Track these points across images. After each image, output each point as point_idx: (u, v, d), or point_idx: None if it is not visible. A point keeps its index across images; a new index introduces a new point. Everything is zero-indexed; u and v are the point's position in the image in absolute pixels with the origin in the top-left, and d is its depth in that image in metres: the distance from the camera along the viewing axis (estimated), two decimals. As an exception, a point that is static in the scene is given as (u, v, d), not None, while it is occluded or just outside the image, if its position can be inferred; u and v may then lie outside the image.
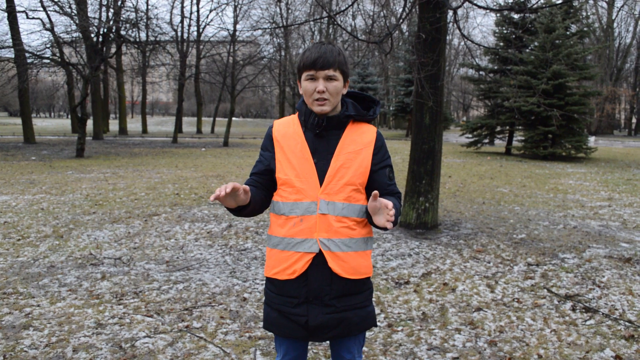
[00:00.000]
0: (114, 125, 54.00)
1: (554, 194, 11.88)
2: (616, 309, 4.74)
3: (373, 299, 4.79)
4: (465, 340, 4.01)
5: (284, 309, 2.22)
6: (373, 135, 2.22)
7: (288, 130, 2.24)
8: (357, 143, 2.17)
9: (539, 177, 15.69)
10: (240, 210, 2.15)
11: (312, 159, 2.15)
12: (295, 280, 2.17)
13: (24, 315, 4.32)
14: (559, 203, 10.61)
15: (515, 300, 4.92)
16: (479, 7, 6.61)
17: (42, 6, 20.84)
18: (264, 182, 2.27)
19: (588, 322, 4.42)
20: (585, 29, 25.40)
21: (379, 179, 2.21)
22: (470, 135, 27.01)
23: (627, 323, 4.40)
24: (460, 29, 6.93)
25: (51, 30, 20.54)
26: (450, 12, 7.25)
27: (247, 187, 2.05)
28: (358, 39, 6.81)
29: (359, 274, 2.19)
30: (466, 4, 6.91)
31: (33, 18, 22.01)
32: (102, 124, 34.48)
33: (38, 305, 4.56)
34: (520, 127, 25.22)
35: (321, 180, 2.14)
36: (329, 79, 2.11)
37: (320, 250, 2.13)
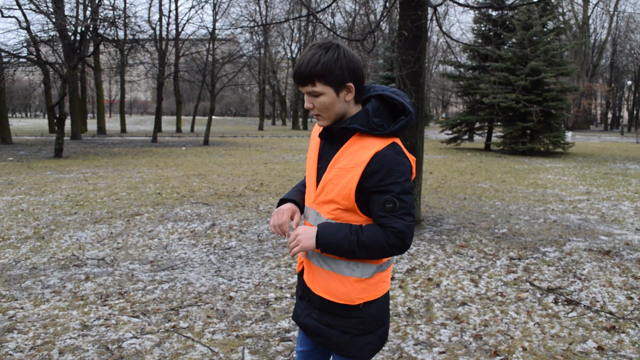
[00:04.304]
0: (92, 124, 53.43)
1: (533, 189, 12.03)
2: (597, 301, 4.83)
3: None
4: (451, 335, 4.06)
5: (296, 296, 2.25)
6: (369, 155, 1.86)
7: (316, 133, 2.14)
8: (351, 160, 1.90)
9: (519, 172, 15.87)
10: None
11: (317, 164, 2.05)
12: (300, 275, 2.19)
13: (8, 318, 4.27)
14: (538, 197, 10.75)
15: (499, 294, 4.99)
16: (460, 4, 6.66)
17: (18, 4, 20.51)
18: None
19: (570, 315, 4.50)
20: (561, 25, 25.72)
21: (372, 204, 1.90)
22: (450, 132, 27.22)
23: (608, 314, 4.49)
24: (440, 27, 6.98)
25: (27, 29, 20.23)
26: (431, 10, 7.30)
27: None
28: (340, 36, 6.84)
29: (334, 297, 2.00)
30: (446, 1, 6.97)
31: (8, 17, 21.66)
32: (80, 124, 34.07)
33: (22, 308, 4.50)
34: (499, 123, 25.49)
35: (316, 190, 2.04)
36: (311, 94, 1.89)
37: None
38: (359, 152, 1.89)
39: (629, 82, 61.10)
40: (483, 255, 6.34)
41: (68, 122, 36.72)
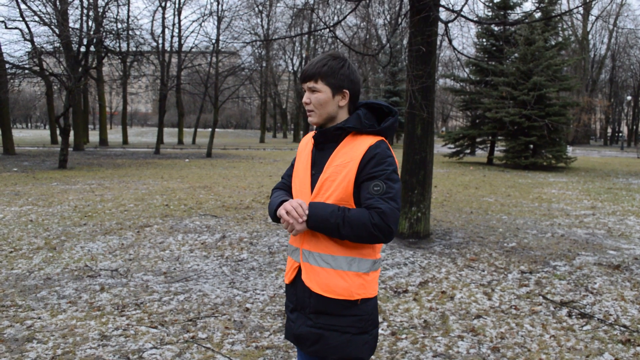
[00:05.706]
0: (93, 136, 53.53)
1: (538, 203, 12.08)
2: (610, 315, 4.86)
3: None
4: (469, 347, 4.09)
5: (286, 311, 2.32)
6: (365, 147, 2.08)
7: (305, 144, 2.33)
8: (347, 156, 2.10)
9: (523, 186, 15.93)
10: None
11: (311, 171, 2.20)
12: (290, 285, 2.27)
13: (26, 328, 4.30)
14: (544, 212, 10.79)
15: (513, 307, 5.02)
16: (470, 20, 6.76)
17: (22, 16, 20.61)
18: (290, 185, 2.38)
19: (585, 328, 4.53)
20: (562, 41, 25.90)
21: (361, 192, 2.07)
22: (452, 146, 27.31)
23: (622, 328, 4.52)
24: (451, 42, 7.07)
25: (31, 40, 20.31)
26: (442, 26, 7.39)
27: None
28: (355, 51, 6.93)
29: (334, 293, 2.10)
30: (454, 16, 7.06)
31: (12, 28, 21.72)
32: (82, 135, 34.15)
33: (39, 318, 4.53)
34: (501, 138, 25.58)
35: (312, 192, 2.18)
36: (311, 90, 2.14)
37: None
38: (354, 148, 2.10)
39: (629, 97, 61.46)
40: (494, 268, 6.38)
41: (71, 134, 36.79)
